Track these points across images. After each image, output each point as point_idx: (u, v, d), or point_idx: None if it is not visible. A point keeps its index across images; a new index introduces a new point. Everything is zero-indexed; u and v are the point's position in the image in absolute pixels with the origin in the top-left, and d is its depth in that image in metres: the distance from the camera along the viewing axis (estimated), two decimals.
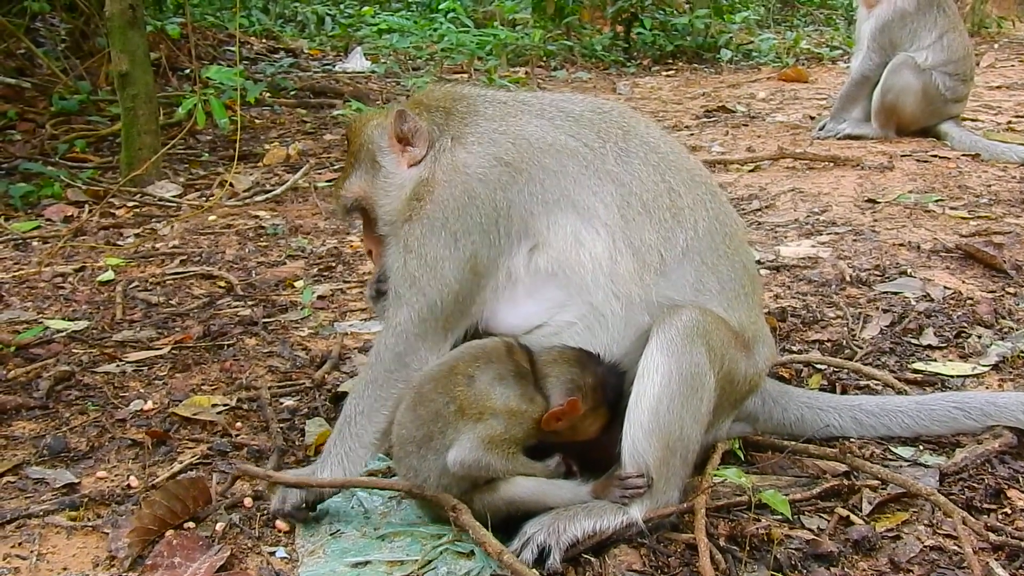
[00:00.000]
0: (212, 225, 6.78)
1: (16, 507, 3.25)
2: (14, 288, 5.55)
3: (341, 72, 12.87)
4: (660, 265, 3.10)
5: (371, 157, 3.41)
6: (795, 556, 2.87)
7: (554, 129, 3.23)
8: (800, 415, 3.54)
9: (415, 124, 3.29)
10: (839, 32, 16.62)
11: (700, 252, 3.16)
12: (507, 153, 3.17)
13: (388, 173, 3.36)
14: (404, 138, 3.32)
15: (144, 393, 4.15)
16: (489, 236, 3.12)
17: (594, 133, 3.23)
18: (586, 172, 3.15)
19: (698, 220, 3.19)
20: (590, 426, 3.03)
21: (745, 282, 3.26)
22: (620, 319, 3.08)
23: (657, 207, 3.14)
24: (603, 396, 3.00)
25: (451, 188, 3.15)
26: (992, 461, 3.33)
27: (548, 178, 3.13)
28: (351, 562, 2.90)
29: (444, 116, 3.32)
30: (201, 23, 12.38)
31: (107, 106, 9.31)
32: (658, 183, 3.18)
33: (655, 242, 3.11)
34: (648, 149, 3.24)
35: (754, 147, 8.46)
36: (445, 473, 2.90)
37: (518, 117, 3.27)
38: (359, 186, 3.42)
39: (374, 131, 3.44)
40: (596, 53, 14.72)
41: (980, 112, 9.70)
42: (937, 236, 5.77)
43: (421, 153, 3.29)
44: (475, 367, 2.97)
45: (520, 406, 2.93)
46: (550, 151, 3.17)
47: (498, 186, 3.13)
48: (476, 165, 3.17)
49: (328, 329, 4.88)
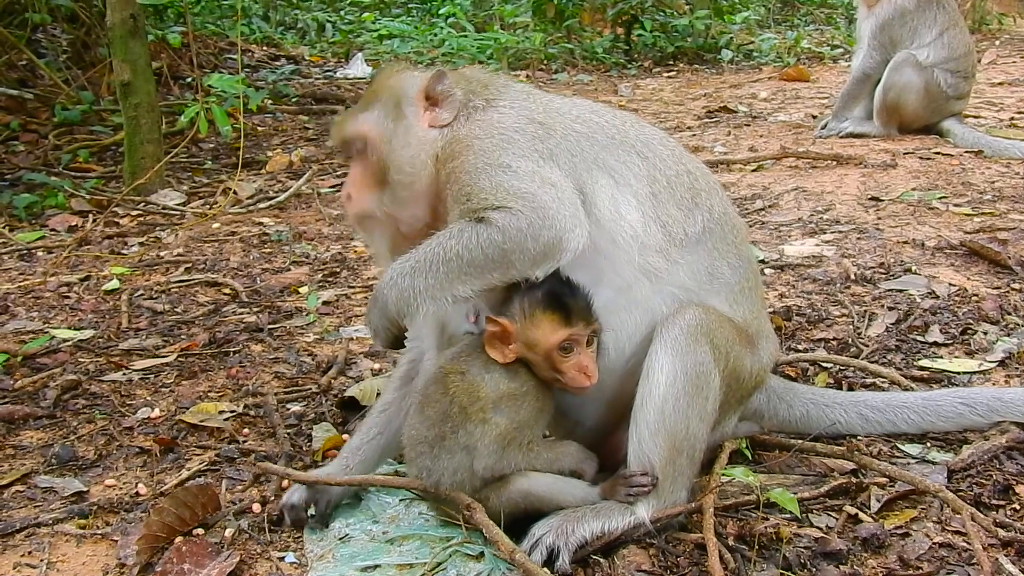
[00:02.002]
0: (216, 232, 6.79)
1: (25, 516, 3.26)
2: (20, 298, 5.56)
3: (342, 78, 12.88)
4: (684, 240, 3.11)
5: (395, 103, 3.25)
6: (804, 554, 2.86)
7: (577, 107, 3.27)
8: (806, 411, 3.54)
9: (450, 87, 3.21)
10: (840, 31, 16.62)
11: (714, 237, 3.18)
12: (539, 115, 3.15)
13: (409, 125, 3.21)
14: (434, 98, 3.22)
15: (151, 401, 4.16)
16: (546, 158, 3.05)
17: (611, 114, 3.29)
18: (614, 142, 3.17)
19: (713, 205, 3.22)
20: (549, 335, 2.89)
21: (750, 275, 3.28)
22: (642, 301, 3.05)
23: (679, 185, 3.17)
24: (541, 302, 2.90)
25: (489, 139, 3.06)
26: (1000, 457, 3.33)
27: (582, 140, 3.12)
28: (360, 566, 2.90)
29: (481, 87, 3.25)
30: (202, 32, 12.39)
31: (110, 116, 9.33)
32: (676, 164, 3.22)
33: (679, 217, 3.12)
34: (661, 137, 3.31)
35: (757, 147, 8.46)
36: (458, 471, 2.90)
37: (543, 96, 3.32)
38: (372, 126, 3.22)
39: (407, 80, 3.30)
40: (597, 55, 14.72)
41: (982, 109, 9.70)
42: (941, 233, 5.77)
43: (448, 119, 3.19)
44: (462, 362, 2.98)
45: (510, 385, 2.93)
46: (579, 120, 3.18)
47: (536, 138, 3.07)
48: (511, 122, 3.11)
49: (333, 334, 4.88)
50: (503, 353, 2.93)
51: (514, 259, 2.89)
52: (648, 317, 3.07)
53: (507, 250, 2.87)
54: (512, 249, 2.87)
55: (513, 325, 2.92)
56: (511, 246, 2.87)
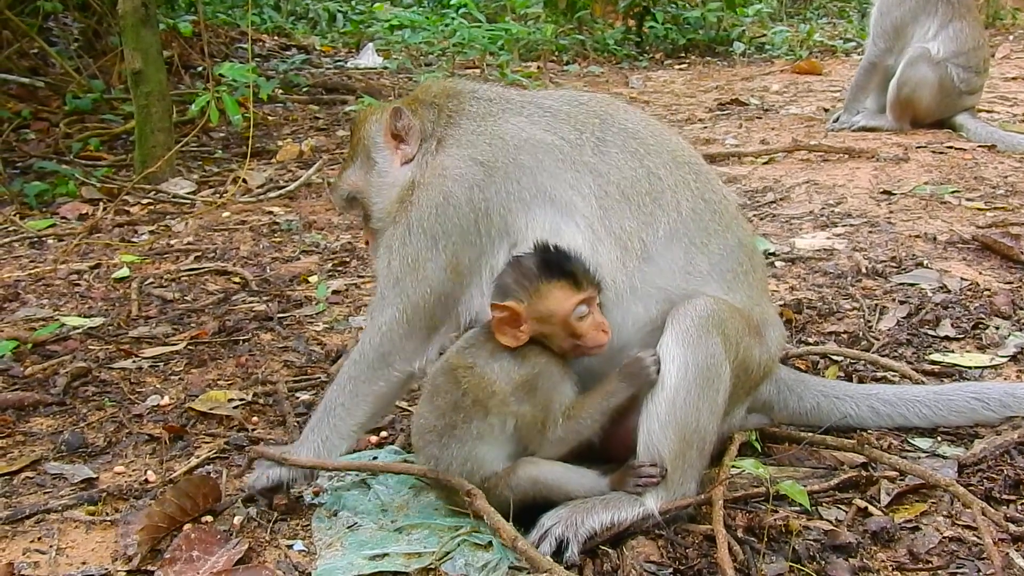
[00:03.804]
0: (226, 221, 6.79)
1: (35, 502, 3.27)
2: (30, 286, 5.57)
3: (353, 68, 12.87)
4: (642, 250, 3.08)
5: (367, 152, 3.48)
6: (813, 547, 2.86)
7: (531, 125, 3.25)
8: (816, 403, 3.52)
9: (409, 122, 3.35)
10: (852, 24, 16.50)
11: (686, 233, 3.14)
12: (482, 153, 3.19)
13: (382, 170, 3.43)
14: (398, 135, 3.38)
15: (160, 388, 4.17)
16: (469, 237, 3.14)
17: (570, 126, 3.24)
18: (562, 166, 3.16)
19: (681, 201, 3.17)
20: (564, 303, 2.91)
21: (742, 259, 3.23)
22: (610, 310, 3.05)
23: (636, 193, 3.13)
24: (544, 274, 2.92)
25: (430, 191, 3.19)
26: (1011, 452, 3.31)
27: (524, 175, 3.15)
28: (369, 555, 2.90)
29: (436, 114, 3.36)
30: (213, 21, 12.38)
31: (120, 104, 9.33)
32: (636, 169, 3.17)
33: (635, 228, 3.09)
34: (627, 136, 3.24)
35: (768, 140, 8.43)
36: (468, 460, 2.91)
37: (497, 116, 3.30)
38: (354, 180, 3.51)
39: (372, 126, 3.49)
40: (608, 47, 14.66)
41: (996, 103, 9.63)
42: (953, 227, 5.74)
43: (413, 151, 3.36)
44: (468, 355, 2.98)
45: (520, 372, 2.92)
46: (526, 147, 3.19)
47: (474, 185, 3.15)
48: (453, 167, 3.20)
49: (343, 324, 4.89)
50: (515, 337, 2.92)
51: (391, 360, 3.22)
52: (631, 317, 3.08)
53: (384, 353, 3.21)
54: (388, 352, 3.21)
55: (520, 305, 2.91)
56: (387, 348, 3.20)
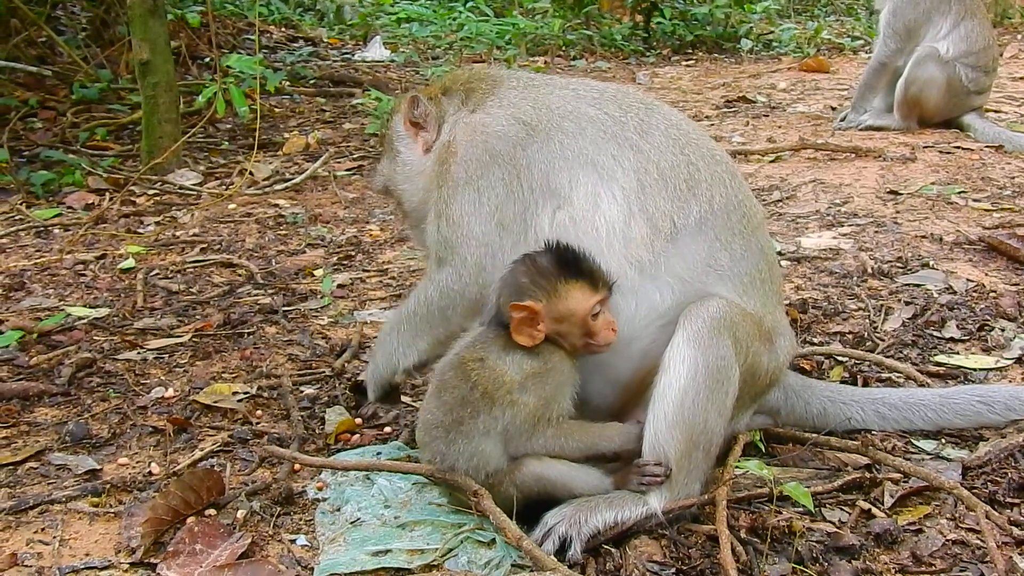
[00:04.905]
0: (232, 213, 6.79)
1: (39, 493, 3.27)
2: (36, 275, 5.58)
3: (360, 61, 12.84)
4: (671, 232, 3.09)
5: (392, 143, 3.58)
6: (816, 548, 2.86)
7: (576, 99, 3.30)
8: (823, 409, 3.52)
9: (425, 109, 3.42)
10: (861, 22, 16.45)
11: (714, 227, 3.14)
12: (526, 114, 3.24)
13: (405, 160, 3.52)
14: (417, 123, 3.44)
15: (165, 380, 4.17)
16: (512, 191, 3.16)
17: (616, 105, 3.28)
18: (605, 137, 3.19)
19: (714, 195, 3.18)
20: (583, 303, 2.94)
21: (762, 266, 3.22)
22: (625, 296, 3.05)
23: (674, 176, 3.15)
24: (563, 274, 2.94)
25: (472, 147, 3.23)
26: (1016, 455, 3.31)
27: (567, 138, 3.18)
28: (372, 550, 2.90)
29: (465, 94, 3.41)
30: (221, 12, 12.37)
31: (128, 94, 9.32)
32: (677, 155, 3.19)
33: (668, 209, 3.11)
34: (669, 124, 3.28)
35: (775, 138, 8.41)
36: (475, 456, 2.92)
37: (541, 88, 3.36)
38: (385, 175, 3.63)
39: (394, 119, 3.58)
40: (616, 43, 14.63)
41: (1004, 103, 9.60)
42: (960, 228, 5.73)
43: (433, 138, 3.42)
44: (479, 350, 2.98)
45: (532, 364, 2.93)
46: (570, 116, 3.23)
47: (517, 143, 3.19)
48: (495, 124, 3.24)
49: (348, 317, 4.89)
50: (531, 336, 2.93)
51: (449, 315, 3.25)
52: (646, 304, 3.07)
53: (442, 307, 3.24)
54: (446, 306, 3.23)
55: (539, 305, 2.92)
56: (445, 303, 3.23)
